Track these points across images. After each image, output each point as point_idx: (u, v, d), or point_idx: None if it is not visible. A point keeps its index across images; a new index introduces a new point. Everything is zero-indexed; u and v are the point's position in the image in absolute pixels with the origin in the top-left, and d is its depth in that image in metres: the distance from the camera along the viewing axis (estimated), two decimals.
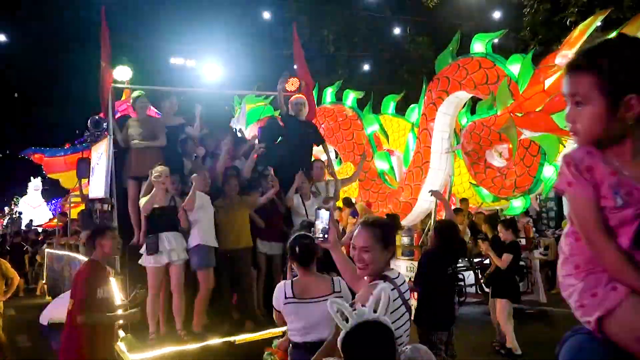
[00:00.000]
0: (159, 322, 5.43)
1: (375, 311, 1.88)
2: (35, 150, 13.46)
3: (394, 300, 2.32)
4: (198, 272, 5.47)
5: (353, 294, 2.85)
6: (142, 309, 5.35)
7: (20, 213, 26.91)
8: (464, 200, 10.02)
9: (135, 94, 6.56)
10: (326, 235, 2.61)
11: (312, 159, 7.23)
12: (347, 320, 1.87)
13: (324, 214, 2.63)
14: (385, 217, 7.24)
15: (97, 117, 7.27)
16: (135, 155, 6.10)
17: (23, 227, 20.67)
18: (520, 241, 7.29)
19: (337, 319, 1.90)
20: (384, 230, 2.42)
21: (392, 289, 2.33)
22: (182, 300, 5.39)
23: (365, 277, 2.49)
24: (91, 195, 7.19)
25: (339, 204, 9.66)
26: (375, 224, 2.43)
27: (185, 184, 5.88)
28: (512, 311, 6.49)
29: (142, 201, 5.46)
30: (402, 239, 9.16)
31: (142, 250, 5.40)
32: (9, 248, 14.14)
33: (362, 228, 2.41)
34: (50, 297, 10.14)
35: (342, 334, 1.86)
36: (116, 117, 7.07)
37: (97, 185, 6.67)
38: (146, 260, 5.33)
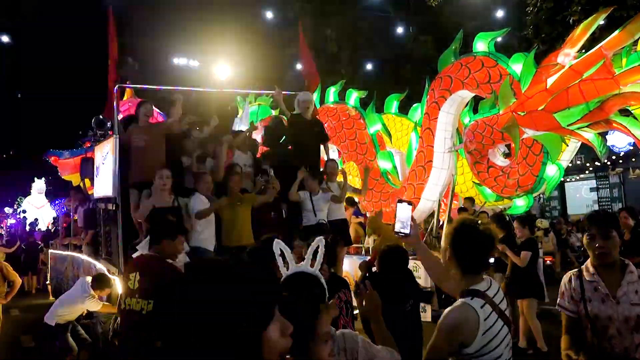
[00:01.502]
0: None
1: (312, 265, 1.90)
2: (53, 153, 13.68)
3: (485, 320, 2.13)
4: None
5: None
6: None
7: (24, 212, 26.98)
8: (468, 199, 9.99)
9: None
10: (408, 230, 2.45)
11: (320, 156, 7.30)
12: (287, 268, 1.90)
13: (405, 208, 2.46)
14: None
15: (100, 117, 7.31)
16: (136, 164, 6.09)
17: (27, 227, 20.70)
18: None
19: (279, 262, 1.88)
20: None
21: (482, 305, 2.15)
22: None
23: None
24: (97, 195, 7.21)
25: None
26: None
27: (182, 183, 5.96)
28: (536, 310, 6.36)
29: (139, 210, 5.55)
30: None
31: (139, 247, 5.42)
32: (24, 247, 14.25)
33: None
34: (53, 298, 10.17)
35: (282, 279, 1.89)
36: (120, 117, 7.09)
37: (104, 185, 6.69)
38: None
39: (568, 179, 19.25)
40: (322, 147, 7.37)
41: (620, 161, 17.30)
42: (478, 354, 2.10)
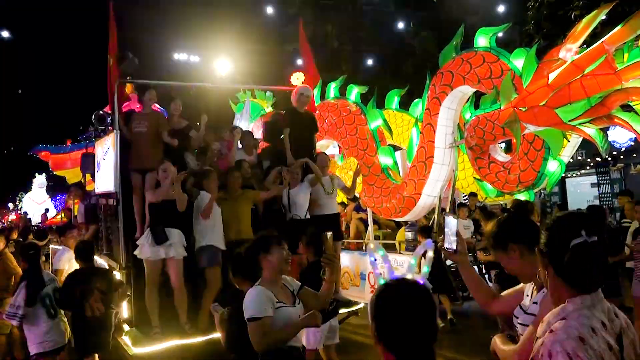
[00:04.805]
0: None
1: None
2: (42, 148, 13.64)
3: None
4: (207, 271, 5.53)
5: None
6: (141, 301, 5.39)
7: (26, 213, 27.00)
8: (472, 195, 9.99)
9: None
10: (455, 246, 2.23)
11: (315, 148, 7.34)
12: None
13: (452, 222, 2.25)
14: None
15: (101, 112, 7.32)
16: (138, 148, 6.18)
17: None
18: None
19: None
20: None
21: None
22: (184, 294, 5.44)
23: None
24: (98, 190, 7.24)
25: (343, 199, 9.66)
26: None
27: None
28: None
29: (150, 193, 5.56)
30: (406, 234, 9.16)
31: (140, 241, 5.44)
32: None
33: None
34: None
35: None
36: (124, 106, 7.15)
37: (105, 180, 6.71)
38: (143, 253, 5.36)
39: (569, 175, 19.22)
40: (325, 141, 7.44)
41: (622, 157, 17.26)
42: None
